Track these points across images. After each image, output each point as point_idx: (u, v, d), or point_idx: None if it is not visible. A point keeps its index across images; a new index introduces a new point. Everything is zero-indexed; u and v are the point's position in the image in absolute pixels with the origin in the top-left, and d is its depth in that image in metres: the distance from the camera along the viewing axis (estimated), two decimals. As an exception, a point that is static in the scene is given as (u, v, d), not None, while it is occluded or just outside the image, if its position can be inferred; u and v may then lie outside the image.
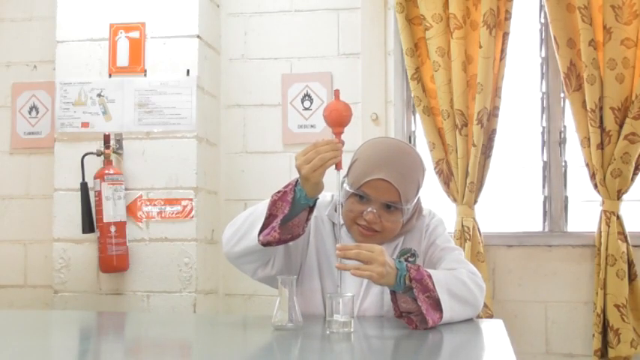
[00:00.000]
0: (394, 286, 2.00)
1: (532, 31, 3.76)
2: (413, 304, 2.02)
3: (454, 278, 2.08)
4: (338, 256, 2.00)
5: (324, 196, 2.27)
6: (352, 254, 1.98)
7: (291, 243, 2.14)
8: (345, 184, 2.19)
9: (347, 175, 2.20)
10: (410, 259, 2.15)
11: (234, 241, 2.15)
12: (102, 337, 2.16)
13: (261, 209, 2.09)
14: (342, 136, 2.01)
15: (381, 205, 2.13)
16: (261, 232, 2.06)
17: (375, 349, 1.76)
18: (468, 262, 2.25)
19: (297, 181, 2.04)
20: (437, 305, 2.01)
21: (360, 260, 1.97)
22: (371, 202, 2.13)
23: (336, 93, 2.03)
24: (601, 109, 3.51)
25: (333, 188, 2.17)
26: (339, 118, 2.00)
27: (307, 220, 2.09)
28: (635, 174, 3.51)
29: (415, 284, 2.00)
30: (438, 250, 2.23)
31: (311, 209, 2.08)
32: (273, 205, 2.06)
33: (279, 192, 2.06)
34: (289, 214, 2.05)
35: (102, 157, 3.52)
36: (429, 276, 2.02)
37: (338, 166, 2.00)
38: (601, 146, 3.51)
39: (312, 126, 3.75)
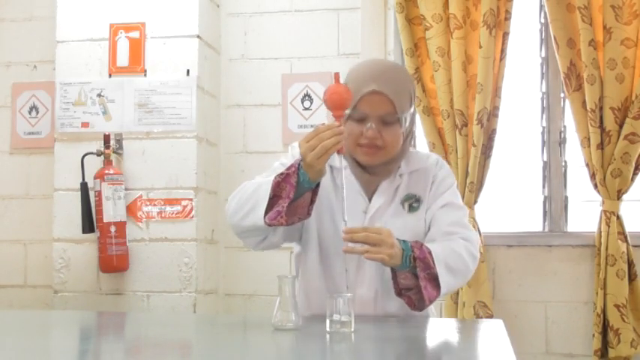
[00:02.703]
0: (400, 265, 2.04)
1: (532, 31, 3.76)
2: (412, 280, 2.06)
3: (452, 252, 2.12)
4: (344, 240, 2.01)
5: None
6: (360, 237, 2.00)
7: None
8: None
9: None
10: (414, 205, 2.19)
11: (239, 215, 2.15)
12: (102, 337, 2.16)
13: (264, 188, 2.08)
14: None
15: (379, 120, 2.14)
16: (266, 212, 2.07)
17: (375, 349, 1.76)
18: (468, 225, 2.24)
19: (300, 164, 2.05)
20: (435, 281, 2.06)
21: (368, 243, 2.00)
22: (368, 119, 2.14)
23: (336, 76, 2.05)
24: (601, 109, 3.51)
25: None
26: (339, 101, 2.02)
27: (312, 202, 2.10)
28: (635, 174, 3.51)
29: (419, 263, 2.05)
30: (442, 204, 2.22)
31: (314, 191, 2.09)
32: (277, 186, 2.06)
33: (282, 174, 2.07)
34: (293, 198, 2.06)
35: (102, 157, 3.52)
36: (430, 253, 2.07)
37: (340, 151, 2.03)
38: (601, 146, 3.51)
39: (312, 126, 3.75)
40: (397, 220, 2.19)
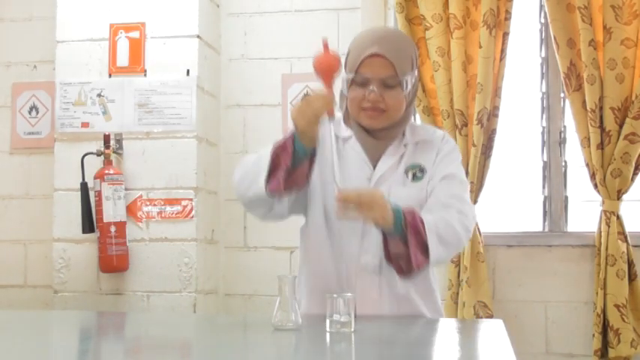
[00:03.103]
0: (392, 229, 2.06)
1: (532, 31, 3.76)
2: (402, 248, 2.09)
3: (444, 223, 2.13)
4: (338, 203, 2.04)
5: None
6: (353, 199, 2.03)
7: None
8: (344, 77, 2.21)
9: (345, 67, 2.22)
10: (417, 174, 2.21)
11: (243, 187, 2.18)
12: (102, 337, 2.16)
13: (265, 159, 2.12)
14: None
15: (380, 83, 2.16)
16: (267, 181, 2.10)
17: (375, 349, 1.76)
18: (466, 199, 2.24)
19: (295, 133, 2.09)
20: (424, 249, 2.08)
21: (361, 205, 2.02)
22: (370, 82, 2.16)
23: (324, 42, 2.09)
24: (601, 109, 3.51)
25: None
26: (328, 68, 2.06)
27: (310, 169, 2.13)
28: (635, 174, 3.51)
29: (410, 229, 2.07)
30: (443, 176, 2.23)
31: (312, 159, 2.12)
32: (275, 156, 2.10)
33: (278, 144, 2.11)
34: (291, 166, 2.09)
35: (102, 157, 3.52)
36: (422, 221, 2.08)
37: (330, 114, 2.05)
38: (601, 146, 3.51)
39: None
40: (400, 188, 2.20)
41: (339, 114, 2.31)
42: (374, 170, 2.23)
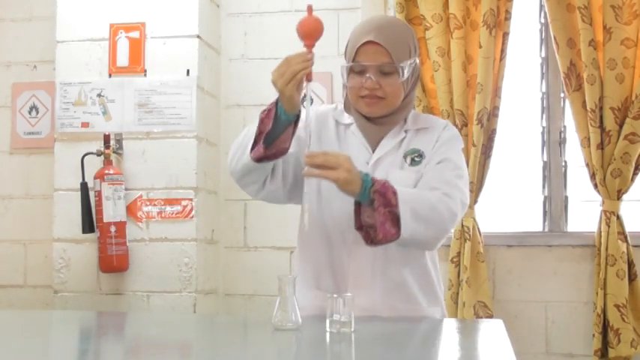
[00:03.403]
0: (359, 195, 2.04)
1: (532, 31, 3.76)
2: (374, 218, 2.06)
3: (422, 198, 2.10)
4: (305, 164, 2.04)
5: (328, 106, 2.39)
6: (319, 160, 2.03)
7: (289, 156, 2.18)
8: (343, 66, 2.24)
9: (344, 57, 2.26)
10: (416, 159, 2.21)
11: (235, 161, 2.22)
12: (102, 337, 2.16)
13: (253, 128, 2.15)
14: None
15: (377, 70, 2.17)
16: (252, 148, 2.13)
17: (375, 349, 1.76)
18: (457, 184, 2.19)
19: (278, 98, 2.10)
20: (396, 221, 2.04)
21: (326, 165, 2.02)
22: (367, 70, 2.17)
23: (309, 8, 2.14)
24: (601, 109, 3.51)
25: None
26: (309, 31, 2.13)
27: (293, 136, 2.13)
28: (635, 174, 3.51)
29: (377, 196, 2.04)
30: (439, 160, 2.22)
31: (295, 124, 2.12)
32: (262, 122, 2.12)
33: (264, 110, 2.12)
34: (273, 130, 2.10)
35: (102, 157, 3.52)
36: (394, 192, 2.05)
37: (308, 77, 2.08)
38: (601, 146, 3.51)
39: (312, 126, 3.75)
40: (398, 171, 2.21)
41: (340, 105, 2.35)
42: (372, 154, 2.23)
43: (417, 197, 2.10)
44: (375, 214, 2.04)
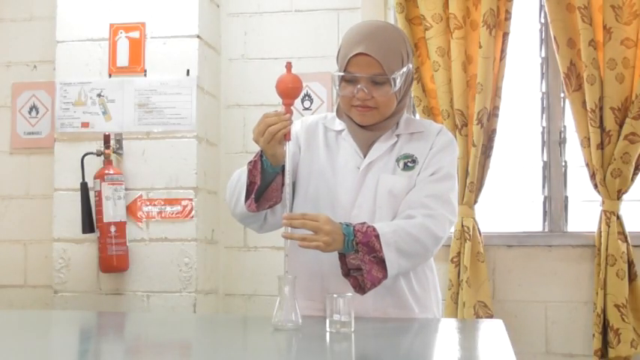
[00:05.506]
0: (343, 249, 2.08)
1: (532, 31, 3.76)
2: (359, 263, 2.08)
3: (404, 233, 2.11)
4: (283, 225, 2.06)
5: (317, 116, 2.40)
6: (298, 223, 2.05)
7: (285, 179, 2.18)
8: (335, 74, 2.23)
9: (337, 63, 2.25)
10: (409, 164, 2.21)
11: (232, 205, 2.28)
12: (102, 337, 2.17)
13: (244, 177, 2.19)
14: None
15: (368, 81, 2.16)
16: (246, 199, 2.18)
17: (375, 349, 1.76)
18: (446, 199, 2.19)
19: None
20: (382, 264, 2.07)
21: (306, 229, 2.04)
22: (358, 80, 2.17)
23: (288, 65, 2.12)
24: (601, 109, 3.51)
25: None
26: (286, 90, 2.10)
27: (283, 185, 2.14)
28: (635, 174, 3.51)
29: (361, 247, 2.07)
30: (431, 172, 2.21)
31: (283, 174, 2.13)
32: (250, 173, 2.16)
33: (250, 162, 2.16)
34: (262, 182, 2.15)
35: (102, 157, 3.52)
36: (377, 236, 2.07)
37: (286, 137, 2.08)
38: (601, 146, 3.51)
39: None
40: (389, 176, 2.21)
41: (330, 114, 2.36)
42: (364, 159, 2.24)
43: (399, 234, 2.11)
44: (361, 263, 2.07)
